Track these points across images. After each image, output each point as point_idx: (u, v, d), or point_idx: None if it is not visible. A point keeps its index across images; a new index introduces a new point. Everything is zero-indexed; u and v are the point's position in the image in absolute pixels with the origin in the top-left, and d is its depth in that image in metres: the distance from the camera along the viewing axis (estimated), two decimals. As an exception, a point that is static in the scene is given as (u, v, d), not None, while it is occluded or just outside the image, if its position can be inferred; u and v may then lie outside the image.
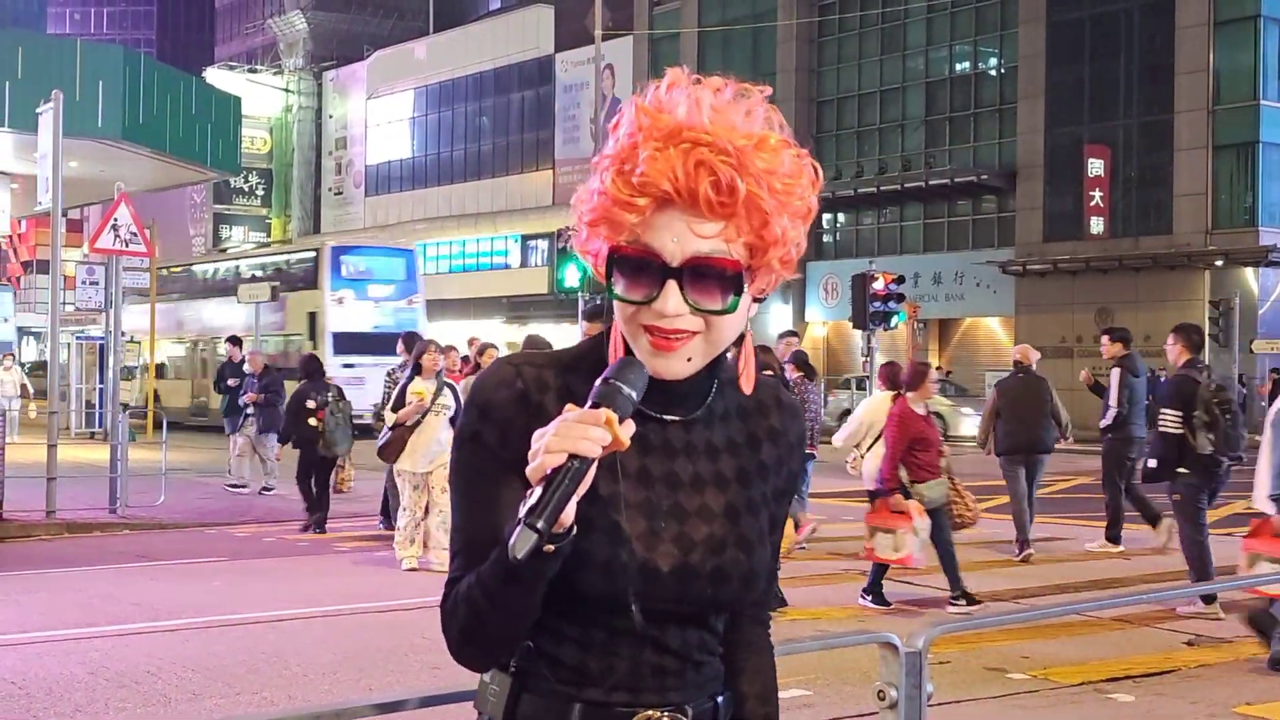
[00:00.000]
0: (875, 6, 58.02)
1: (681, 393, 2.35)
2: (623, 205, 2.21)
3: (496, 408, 2.33)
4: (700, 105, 2.24)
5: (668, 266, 2.21)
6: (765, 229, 2.24)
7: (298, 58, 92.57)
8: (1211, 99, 47.31)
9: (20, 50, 23.38)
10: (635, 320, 2.26)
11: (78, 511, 19.77)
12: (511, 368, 2.36)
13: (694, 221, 2.21)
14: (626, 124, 2.25)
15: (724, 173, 2.19)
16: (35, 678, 9.82)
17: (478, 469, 2.34)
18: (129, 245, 21.55)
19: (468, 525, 2.35)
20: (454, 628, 2.32)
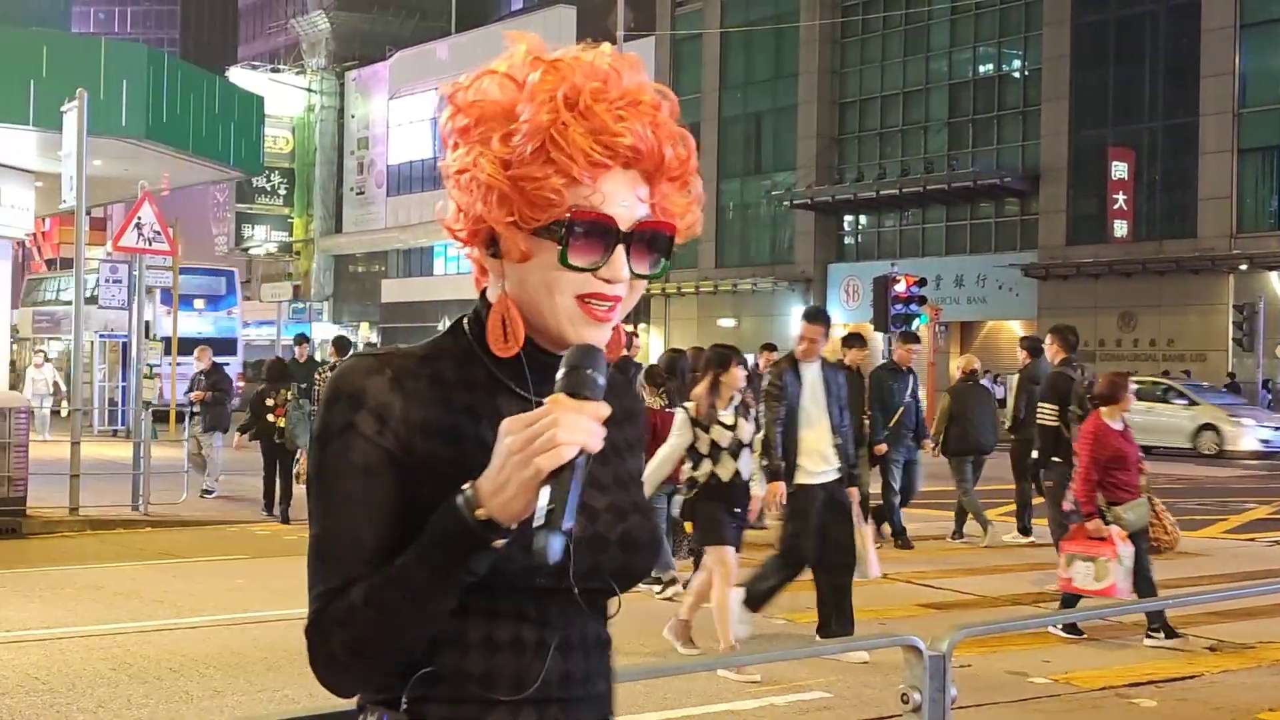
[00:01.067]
0: (899, 8, 57.94)
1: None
2: (586, 165, 2.12)
3: (370, 394, 2.14)
4: (620, 71, 2.19)
5: (620, 232, 2.15)
6: (690, 192, 2.29)
7: (320, 57, 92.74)
8: (1237, 102, 47.15)
9: (45, 49, 23.43)
10: (568, 291, 2.15)
11: (101, 508, 19.81)
12: (372, 358, 2.20)
13: (638, 186, 2.20)
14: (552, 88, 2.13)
15: (682, 139, 2.25)
16: (58, 673, 9.85)
17: (353, 464, 2.12)
18: (152, 244, 21.59)
19: (341, 527, 2.12)
20: (339, 641, 2.06)
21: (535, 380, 2.24)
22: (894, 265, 43.12)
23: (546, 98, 2.12)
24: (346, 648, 2.06)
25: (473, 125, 2.19)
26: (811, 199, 58.40)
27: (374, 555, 2.09)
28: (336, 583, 2.09)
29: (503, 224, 2.16)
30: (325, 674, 2.10)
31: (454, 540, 2.01)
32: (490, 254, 2.23)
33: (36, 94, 22.59)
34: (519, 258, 2.18)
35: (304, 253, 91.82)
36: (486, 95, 2.19)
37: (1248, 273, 46.22)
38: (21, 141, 23.99)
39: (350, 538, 2.11)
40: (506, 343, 2.20)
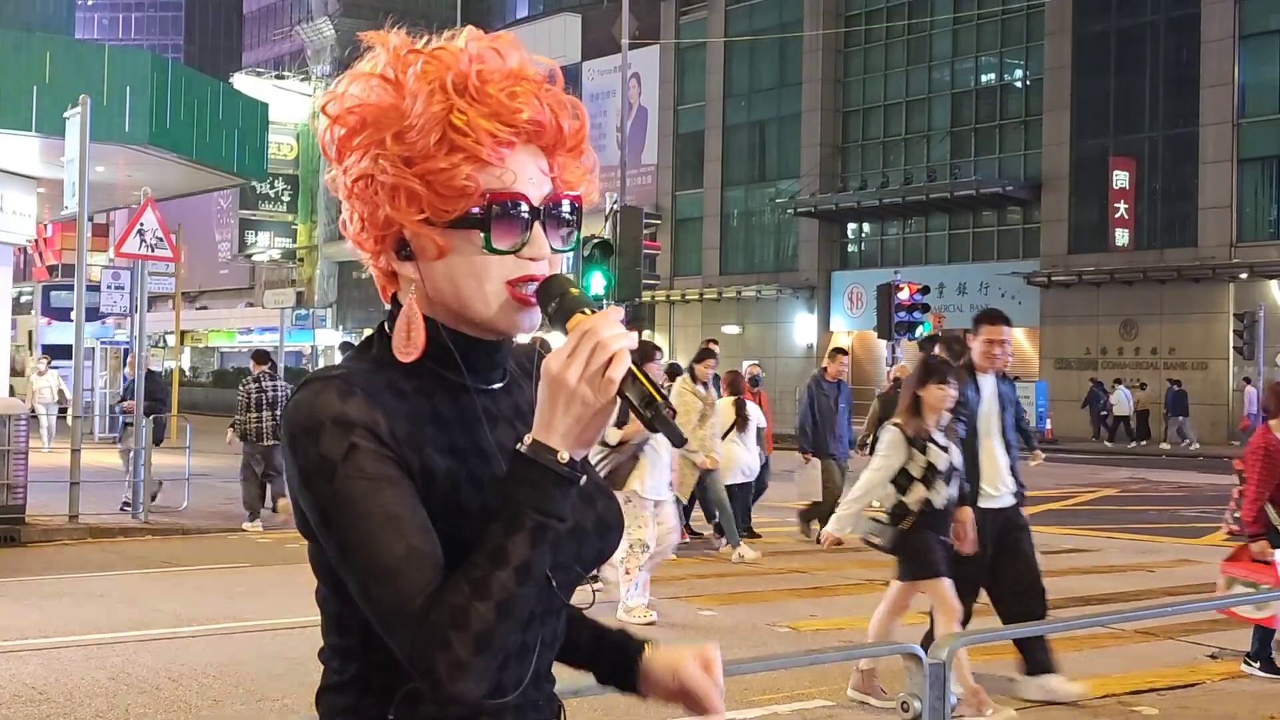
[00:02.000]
0: (901, 17, 58.01)
1: (497, 350, 2.26)
2: (492, 146, 2.09)
3: (353, 415, 2.04)
4: (500, 51, 2.16)
5: (534, 209, 2.13)
6: (584, 160, 2.26)
7: (325, 64, 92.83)
8: (1236, 112, 47.19)
9: (48, 55, 23.42)
10: (498, 277, 2.12)
11: (101, 516, 19.81)
12: (337, 379, 2.09)
13: (540, 160, 2.17)
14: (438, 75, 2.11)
15: (573, 108, 2.21)
16: (56, 683, 9.84)
17: (376, 478, 2.02)
18: (154, 250, 21.58)
19: (396, 543, 2.00)
20: (461, 644, 1.95)
21: (472, 368, 2.21)
22: (897, 273, 43.14)
23: (435, 87, 2.09)
24: (472, 648, 1.95)
25: (356, 130, 2.15)
26: (815, 207, 58.46)
27: (439, 566, 2.01)
28: (418, 597, 1.98)
29: (414, 223, 2.12)
30: (453, 685, 1.96)
31: (547, 494, 1.99)
32: (401, 258, 2.18)
33: (40, 100, 22.58)
34: (436, 254, 2.14)
35: (307, 259, 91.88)
36: (363, 99, 2.14)
37: (1248, 281, 46.23)
38: (24, 147, 23.96)
39: (415, 554, 2.01)
40: (408, 347, 2.16)
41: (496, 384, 2.28)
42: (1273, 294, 45.74)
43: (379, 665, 2.14)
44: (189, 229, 48.16)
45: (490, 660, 1.97)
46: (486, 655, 1.96)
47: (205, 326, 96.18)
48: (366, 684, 2.18)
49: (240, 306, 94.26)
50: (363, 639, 2.15)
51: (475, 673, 1.96)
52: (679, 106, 66.25)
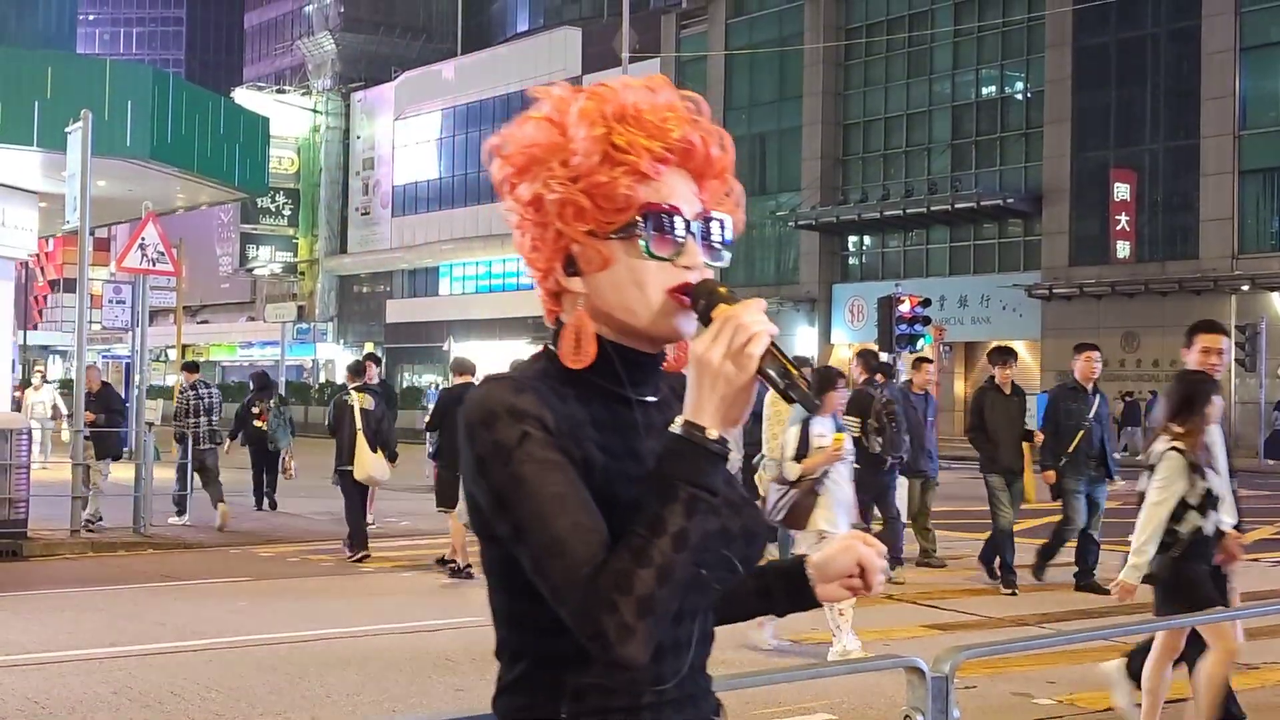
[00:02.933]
0: (902, 30, 58.08)
1: (655, 367, 2.45)
2: (655, 161, 2.31)
3: (526, 408, 2.24)
4: (653, 89, 2.39)
5: (689, 221, 2.35)
6: (730, 193, 2.51)
7: (326, 78, 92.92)
8: (1237, 124, 47.24)
9: (49, 70, 23.42)
10: (657, 284, 2.32)
11: (102, 530, 19.81)
12: (508, 379, 2.31)
13: (691, 183, 2.40)
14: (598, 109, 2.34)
15: (721, 139, 2.45)
16: (58, 697, 9.83)
17: (548, 463, 2.21)
18: (156, 264, 21.59)
19: (569, 521, 2.18)
20: (627, 607, 2.11)
21: (631, 381, 2.40)
22: (898, 286, 43.09)
23: (596, 118, 2.32)
24: (636, 611, 2.12)
25: (525, 168, 2.37)
26: (816, 220, 58.47)
27: (605, 540, 2.18)
28: (586, 566, 2.15)
29: (581, 235, 2.32)
30: (620, 648, 2.13)
31: (696, 467, 2.17)
32: (569, 274, 2.37)
33: (41, 114, 22.58)
34: (600, 266, 2.33)
35: (309, 273, 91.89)
36: (532, 139, 2.37)
37: (1249, 293, 46.25)
38: (25, 162, 23.96)
39: (582, 529, 2.18)
40: (578, 356, 2.34)
41: (651, 397, 2.46)
42: (1274, 306, 45.75)
43: (546, 661, 2.32)
44: (190, 243, 48.16)
45: (652, 624, 2.14)
46: (649, 619, 2.13)
47: (206, 341, 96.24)
48: (536, 682, 2.34)
49: (241, 321, 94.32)
50: (535, 634, 2.33)
51: (640, 635, 2.13)
52: (679, 120, 66.20)
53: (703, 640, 2.42)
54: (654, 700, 2.32)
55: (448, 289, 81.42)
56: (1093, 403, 15.60)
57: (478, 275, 78.73)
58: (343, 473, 18.05)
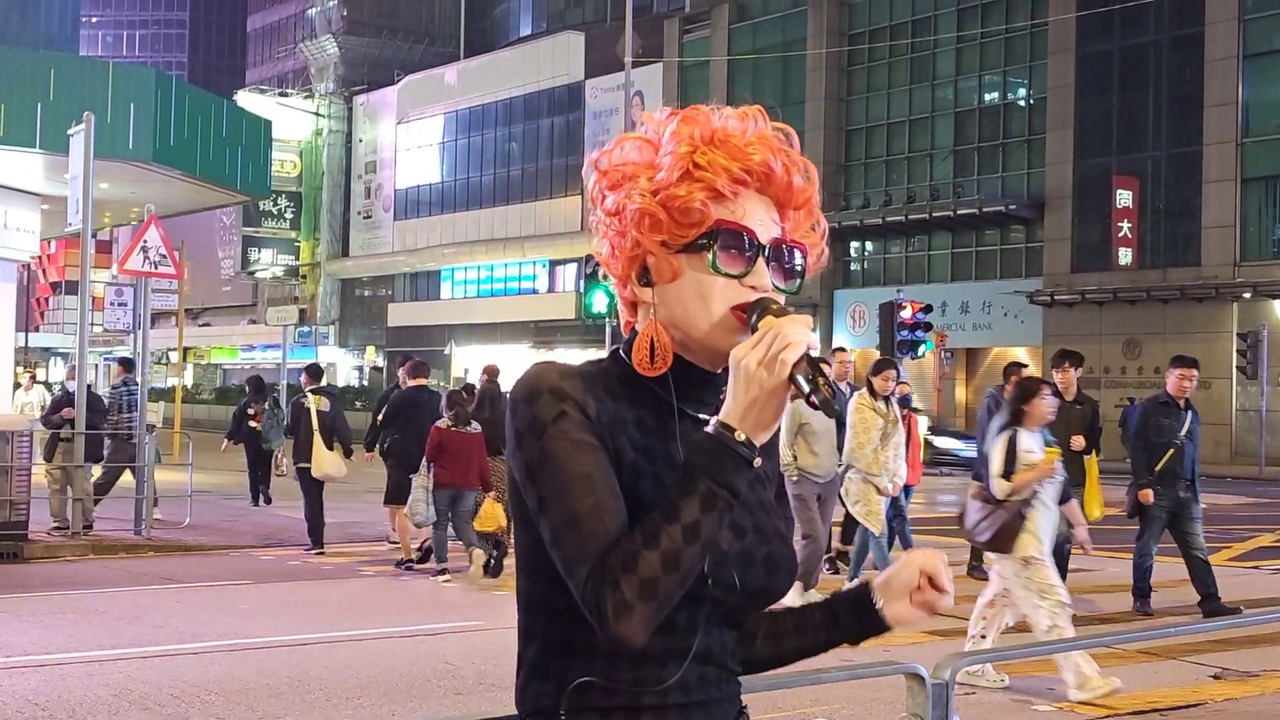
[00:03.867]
0: (905, 36, 58.06)
1: (714, 387, 2.44)
2: (732, 182, 2.38)
3: (570, 392, 2.33)
4: (745, 117, 2.50)
5: (760, 244, 2.40)
6: (816, 226, 2.58)
7: (328, 82, 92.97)
8: (1240, 131, 47.23)
9: (52, 72, 23.45)
10: (722, 299, 2.37)
11: (103, 533, 19.80)
12: (557, 364, 2.39)
13: (771, 211, 2.46)
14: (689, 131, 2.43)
15: (806, 169, 2.51)
16: (59, 699, 9.83)
17: (579, 443, 2.29)
18: (158, 267, 21.57)
19: (590, 500, 2.26)
20: (629, 586, 2.17)
21: (687, 396, 2.45)
22: (900, 292, 43.20)
23: (685, 136, 2.41)
24: (637, 592, 2.17)
25: (618, 183, 2.46)
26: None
27: (622, 523, 2.26)
28: (603, 550, 2.21)
29: (655, 245, 2.40)
30: (617, 625, 2.18)
31: (721, 464, 2.22)
32: (643, 284, 2.45)
33: (44, 117, 22.60)
34: (670, 277, 2.41)
35: (310, 276, 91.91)
36: (627, 158, 2.47)
37: (1251, 301, 46.24)
38: (28, 164, 23.99)
39: (601, 508, 2.25)
40: (654, 364, 2.41)
41: (704, 414, 2.44)
42: (1276, 313, 45.74)
43: (556, 646, 2.39)
44: (192, 246, 48.15)
45: (652, 607, 2.19)
46: (649, 601, 2.18)
47: (208, 343, 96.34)
48: (543, 668, 2.41)
49: (243, 323, 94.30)
50: (546, 617, 2.41)
51: (638, 616, 2.18)
52: (682, 125, 66.19)
53: (719, 653, 2.45)
54: (656, 703, 2.35)
55: (449, 293, 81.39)
56: (1185, 419, 14.63)
57: (479, 279, 78.73)
58: (301, 470, 18.84)
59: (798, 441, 14.39)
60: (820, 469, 14.44)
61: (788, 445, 14.14)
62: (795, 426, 14.26)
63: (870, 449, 14.48)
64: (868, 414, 14.61)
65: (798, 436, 14.36)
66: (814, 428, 14.26)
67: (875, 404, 14.70)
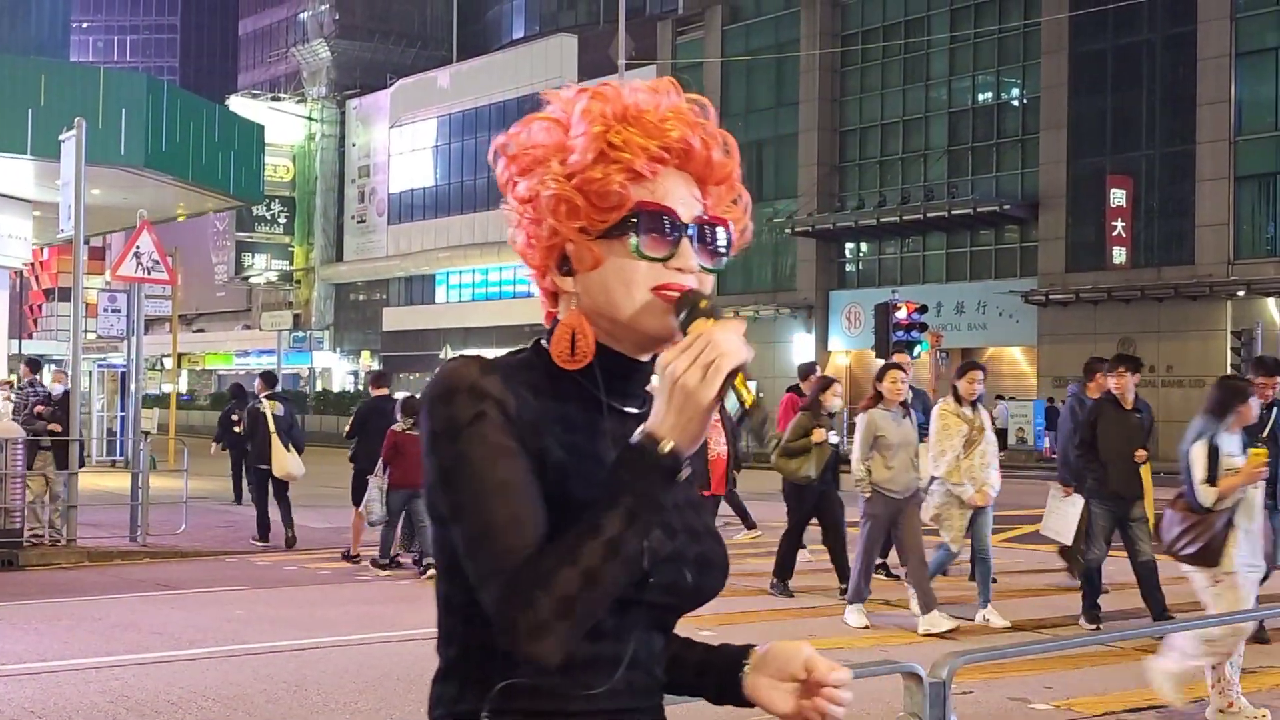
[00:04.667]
0: (898, 37, 58.10)
1: (642, 377, 2.38)
2: (650, 161, 2.27)
3: (488, 389, 2.20)
4: (658, 91, 2.37)
5: (683, 224, 2.29)
6: (738, 200, 2.43)
7: (321, 86, 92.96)
8: (1233, 130, 47.27)
9: (43, 78, 23.45)
10: (644, 283, 2.26)
11: (98, 539, 19.78)
12: (478, 359, 2.27)
13: (692, 187, 2.34)
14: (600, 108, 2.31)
15: (725, 142, 2.39)
16: (54, 707, 9.81)
17: (496, 447, 2.16)
18: (151, 273, 21.56)
19: (505, 509, 2.14)
20: (545, 604, 2.06)
21: (613, 389, 2.34)
22: (895, 292, 43.15)
23: (596, 115, 2.29)
24: (553, 610, 2.06)
25: (529, 167, 2.34)
26: (813, 226, 58.50)
27: (540, 535, 2.14)
28: (519, 564, 2.10)
29: (574, 233, 2.28)
30: (530, 645, 2.08)
31: (645, 478, 2.10)
32: (563, 273, 2.34)
33: (35, 123, 22.61)
34: (592, 264, 2.29)
35: (305, 281, 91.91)
36: (536, 140, 2.35)
37: (1245, 299, 46.26)
38: (19, 170, 24.01)
39: (517, 520, 2.14)
40: (574, 356, 2.30)
41: (633, 408, 2.37)
42: (1270, 311, 45.77)
43: (475, 650, 2.28)
44: (185, 251, 48.18)
45: (568, 626, 2.08)
46: (566, 620, 2.07)
47: (202, 349, 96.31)
48: (464, 673, 2.31)
49: (237, 329, 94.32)
50: (464, 620, 2.29)
51: (553, 635, 2.07)
52: (676, 127, 66.21)
53: (645, 660, 2.35)
54: (583, 709, 2.25)
55: (444, 297, 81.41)
56: (1269, 419, 13.18)
57: (474, 283, 78.74)
58: (261, 471, 20.35)
59: (872, 455, 13.53)
60: (895, 484, 13.46)
61: (861, 459, 13.46)
62: (870, 438, 13.51)
63: (951, 456, 13.68)
64: (950, 420, 13.87)
65: (873, 449, 13.52)
66: (890, 440, 13.42)
67: (960, 410, 13.92)
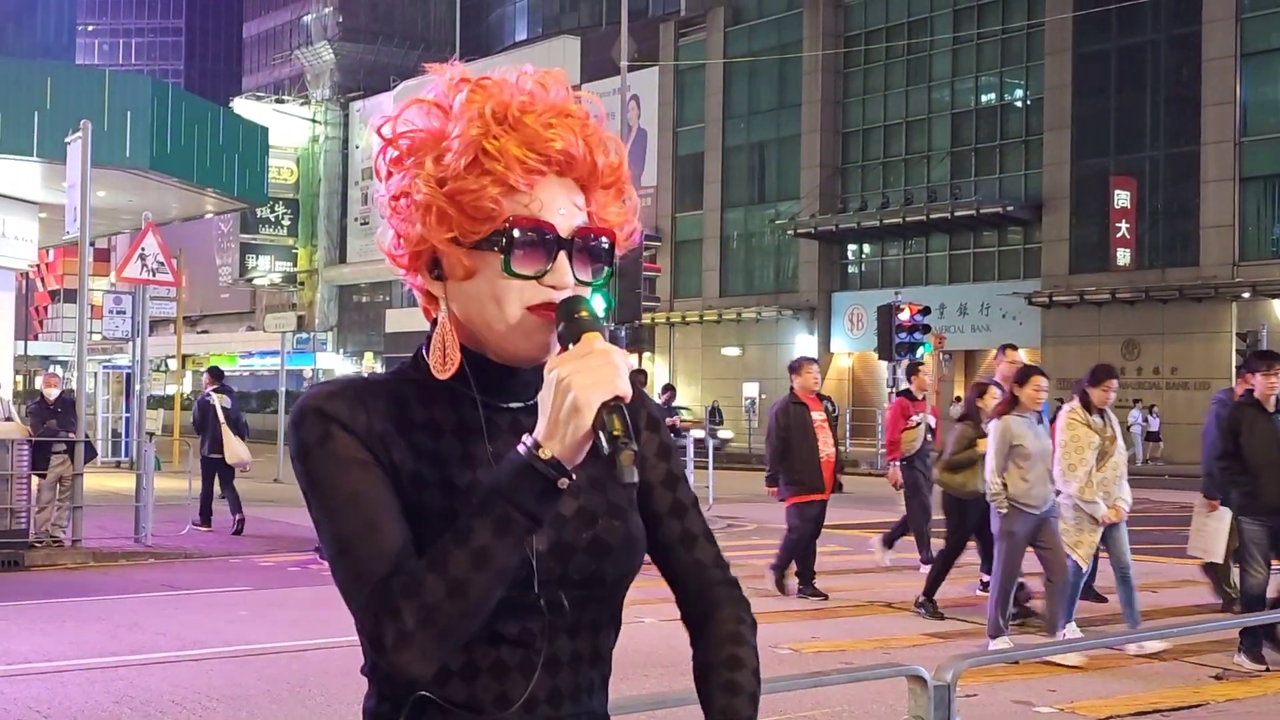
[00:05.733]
0: (901, 38, 58.09)
1: (524, 380, 2.28)
2: (527, 173, 2.14)
3: (335, 411, 2.16)
4: (545, 86, 2.23)
5: (560, 238, 2.17)
6: (626, 202, 2.32)
7: (324, 88, 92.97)
8: (1238, 131, 47.24)
9: (49, 81, 23.46)
10: (516, 301, 2.15)
11: (103, 540, 19.79)
12: (331, 384, 2.23)
13: (574, 194, 2.22)
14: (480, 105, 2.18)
15: (612, 146, 2.27)
16: (60, 706, 9.82)
17: (344, 461, 2.13)
18: (156, 274, 21.57)
19: (360, 522, 2.09)
20: (409, 614, 2.00)
21: (489, 388, 2.26)
22: (898, 294, 43.16)
23: (475, 114, 2.16)
24: (418, 619, 2.00)
25: (404, 155, 2.22)
26: (815, 228, 58.49)
27: (401, 542, 2.09)
28: (381, 572, 2.05)
29: (443, 242, 2.18)
30: (397, 655, 2.02)
31: (520, 486, 2.01)
32: (434, 277, 2.24)
33: (41, 125, 22.63)
34: (462, 275, 2.19)
35: (308, 283, 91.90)
36: (414, 124, 2.23)
37: (1250, 300, 46.24)
38: (25, 172, 24.02)
39: (373, 528, 2.09)
40: (444, 365, 2.22)
41: (517, 403, 2.30)
42: (1275, 313, 45.73)
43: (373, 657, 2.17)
44: (190, 253, 48.13)
45: (434, 637, 2.01)
46: (430, 630, 2.00)
47: (206, 350, 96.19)
48: (380, 683, 2.23)
49: (241, 330, 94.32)
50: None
51: (418, 645, 2.00)
52: (678, 128, 66.30)
53: (562, 663, 2.25)
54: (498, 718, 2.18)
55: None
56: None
57: (477, 284, 78.77)
58: (212, 459, 21.94)
59: (1009, 466, 12.38)
60: (1033, 497, 12.31)
61: (996, 471, 12.33)
62: (1006, 448, 12.36)
63: (1084, 471, 12.46)
64: (1080, 431, 12.62)
65: (1009, 460, 12.39)
66: (1027, 449, 12.28)
67: (1090, 419, 12.63)
